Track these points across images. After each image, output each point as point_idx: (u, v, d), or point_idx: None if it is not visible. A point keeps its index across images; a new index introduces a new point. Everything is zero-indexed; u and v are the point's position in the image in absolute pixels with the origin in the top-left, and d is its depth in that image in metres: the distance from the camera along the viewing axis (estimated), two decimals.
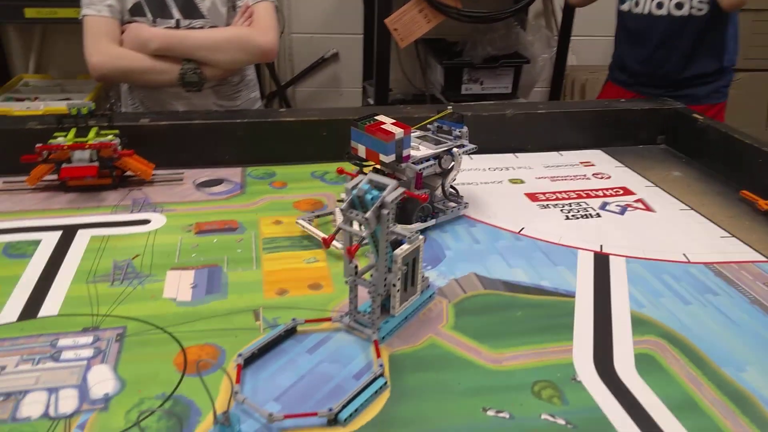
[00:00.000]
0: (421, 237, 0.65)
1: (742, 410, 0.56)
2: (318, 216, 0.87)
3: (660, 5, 1.45)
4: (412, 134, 0.83)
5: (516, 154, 1.16)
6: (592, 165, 1.13)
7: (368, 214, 0.57)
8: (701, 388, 0.58)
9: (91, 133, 0.94)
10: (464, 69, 2.04)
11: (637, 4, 1.53)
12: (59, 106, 1.92)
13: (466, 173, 1.06)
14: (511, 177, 1.05)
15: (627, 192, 1.01)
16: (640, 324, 0.67)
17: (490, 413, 0.54)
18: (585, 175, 1.08)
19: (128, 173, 0.97)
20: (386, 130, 0.77)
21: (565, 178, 1.06)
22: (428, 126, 0.92)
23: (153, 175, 0.97)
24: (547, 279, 0.75)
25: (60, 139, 0.92)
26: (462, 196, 0.92)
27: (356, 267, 0.62)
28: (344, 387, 0.57)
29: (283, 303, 0.69)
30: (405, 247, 0.63)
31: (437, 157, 0.84)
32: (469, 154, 0.89)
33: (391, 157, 0.77)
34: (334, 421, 0.52)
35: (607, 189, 1.02)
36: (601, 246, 0.83)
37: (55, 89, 2.13)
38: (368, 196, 0.57)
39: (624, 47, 1.62)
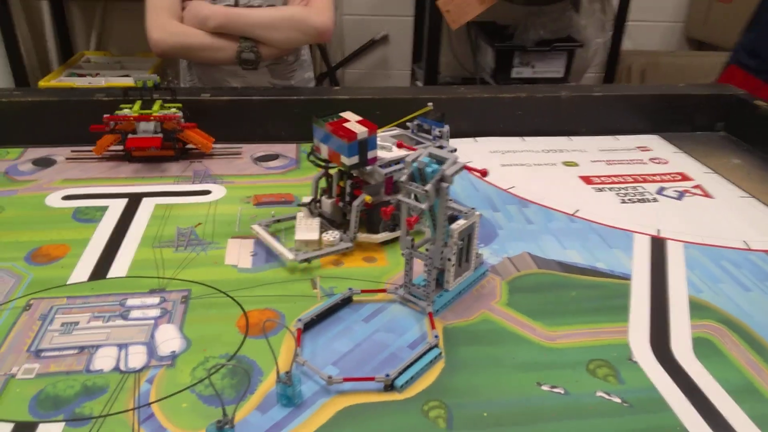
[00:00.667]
0: (477, 213, 0.65)
1: None
2: (278, 221, 0.79)
3: None
4: (386, 133, 0.79)
5: (570, 137, 1.14)
6: (649, 150, 1.11)
7: (428, 187, 0.57)
8: (761, 374, 0.57)
9: (156, 106, 0.97)
10: (515, 52, 2.01)
11: None
12: (119, 82, 1.99)
13: (518, 154, 1.06)
14: (564, 159, 1.04)
15: (685, 178, 0.99)
16: (698, 309, 0.66)
17: (545, 388, 0.54)
18: (641, 160, 1.06)
19: (189, 146, 1.00)
20: (348, 129, 0.69)
21: (620, 162, 1.04)
22: (407, 124, 0.83)
23: (212, 148, 1.00)
24: (602, 261, 0.74)
25: (126, 111, 0.96)
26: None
27: (413, 240, 0.63)
28: (399, 356, 0.58)
29: (338, 273, 0.71)
30: (461, 222, 0.63)
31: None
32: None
33: (353, 159, 0.69)
34: (390, 386, 0.53)
35: (664, 174, 1.00)
36: (659, 230, 0.82)
37: (115, 66, 2.21)
38: (428, 169, 0.58)
39: (764, 32, 1.53)
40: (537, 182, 0.95)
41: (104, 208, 0.83)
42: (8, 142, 1.04)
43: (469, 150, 1.06)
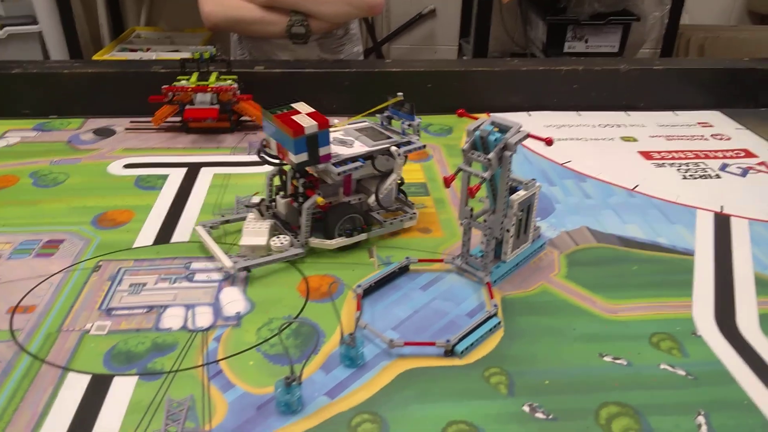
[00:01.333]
0: (538, 184, 0.64)
1: None
2: (227, 221, 0.73)
3: None
4: (350, 126, 0.72)
5: (627, 112, 1.11)
6: (711, 126, 1.07)
7: (491, 155, 0.57)
8: None
9: (212, 78, 0.98)
10: (569, 26, 1.96)
11: None
12: (169, 56, 2.02)
13: (574, 129, 1.04)
14: (623, 134, 1.02)
15: (749, 154, 0.96)
16: (764, 285, 0.64)
17: (607, 359, 0.54)
18: (702, 136, 1.02)
19: (243, 117, 1.01)
20: (295, 122, 0.61)
21: (681, 137, 1.01)
22: (377, 114, 0.75)
23: None
24: (664, 236, 0.73)
25: (183, 82, 0.98)
26: (412, 204, 0.75)
27: (472, 209, 0.63)
28: (458, 323, 0.58)
29: (394, 243, 0.71)
30: (521, 193, 0.63)
31: (370, 157, 0.68)
32: (415, 151, 0.71)
33: (301, 157, 0.62)
34: (450, 352, 0.54)
35: (726, 150, 0.97)
36: (722, 207, 0.79)
37: (165, 41, 2.24)
38: (491, 138, 0.58)
39: None
40: (594, 157, 0.93)
41: (165, 177, 0.85)
42: (69, 113, 1.07)
43: (522, 124, 1.04)
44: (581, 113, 1.10)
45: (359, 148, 0.69)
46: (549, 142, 0.59)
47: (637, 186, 0.84)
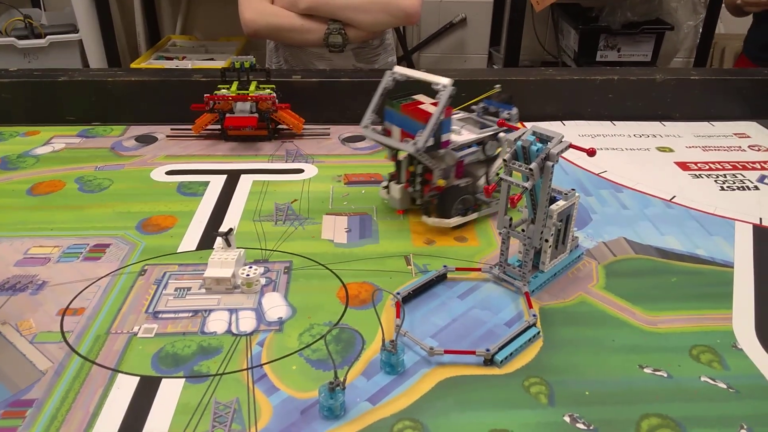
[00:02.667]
0: (577, 194, 0.65)
1: None
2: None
3: None
4: (453, 117, 0.76)
5: (663, 122, 1.11)
6: (748, 137, 1.06)
7: (533, 165, 0.58)
8: None
9: (252, 86, 1.00)
10: (601, 35, 1.95)
11: None
12: (204, 64, 2.07)
13: (609, 138, 1.03)
14: (658, 145, 1.01)
15: None
16: None
17: (647, 371, 0.54)
18: (740, 147, 1.01)
19: (281, 126, 1.03)
20: (423, 110, 0.68)
21: (718, 148, 1.00)
22: (473, 107, 0.81)
23: (303, 129, 1.03)
24: (703, 248, 0.72)
25: (224, 91, 1.00)
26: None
27: (510, 219, 0.64)
28: (496, 332, 0.59)
29: (431, 251, 0.72)
30: (561, 203, 0.63)
31: (481, 142, 0.75)
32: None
33: (428, 142, 0.68)
34: (490, 361, 0.54)
35: (765, 162, 0.96)
36: (761, 219, 0.79)
37: (200, 50, 2.29)
38: (533, 148, 0.58)
39: (756, 24, 1.46)
40: (630, 167, 0.93)
41: (206, 183, 0.88)
42: (111, 120, 1.10)
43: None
44: (616, 123, 1.10)
45: (468, 135, 0.75)
46: (591, 152, 0.59)
47: (674, 197, 0.84)
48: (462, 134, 0.75)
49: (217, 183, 0.88)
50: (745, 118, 1.13)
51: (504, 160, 0.60)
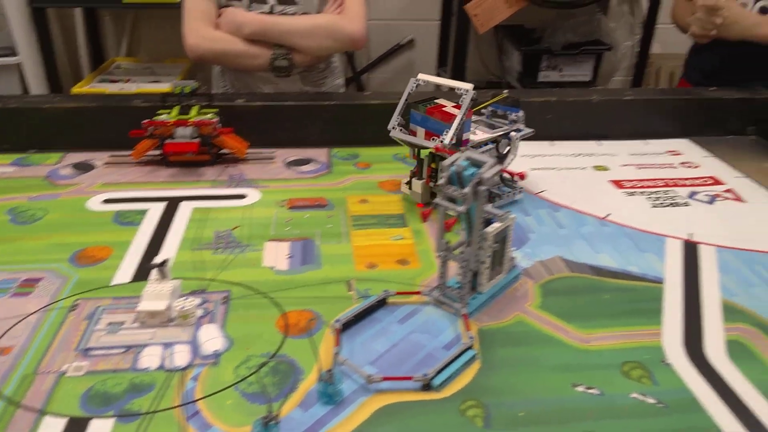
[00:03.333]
0: (512, 216, 0.66)
1: None
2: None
3: (744, 5, 1.32)
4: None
5: (599, 141, 1.14)
6: (680, 154, 1.10)
7: (466, 190, 0.59)
8: None
9: (193, 111, 0.99)
10: (543, 56, 2.02)
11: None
12: (150, 87, 2.04)
13: (548, 159, 1.06)
14: (595, 164, 1.05)
15: (716, 182, 0.99)
16: (731, 312, 0.66)
17: (580, 389, 0.55)
18: (672, 164, 1.05)
19: (224, 150, 1.02)
20: (447, 112, 0.78)
21: (651, 166, 1.04)
22: (482, 111, 0.91)
23: (246, 153, 1.02)
24: (635, 265, 0.75)
25: (164, 116, 0.98)
26: (517, 182, 0.90)
27: (448, 242, 0.64)
28: (435, 356, 0.59)
29: (373, 276, 0.72)
30: (496, 225, 0.64)
31: (495, 141, 0.85)
32: (525, 138, 0.89)
33: (452, 140, 0.78)
34: (427, 386, 0.55)
35: (695, 178, 1.00)
36: (690, 234, 0.82)
37: (145, 72, 2.26)
38: (466, 173, 0.59)
39: (698, 51, 1.51)
40: (567, 186, 0.95)
41: (144, 212, 0.86)
42: (49, 147, 1.07)
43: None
44: (555, 143, 1.13)
45: (483, 135, 0.85)
46: (522, 176, 0.61)
47: (608, 215, 0.87)
48: (477, 134, 0.85)
49: (156, 211, 0.86)
50: (677, 136, 1.18)
51: (439, 185, 0.61)
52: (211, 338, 0.61)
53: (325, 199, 0.90)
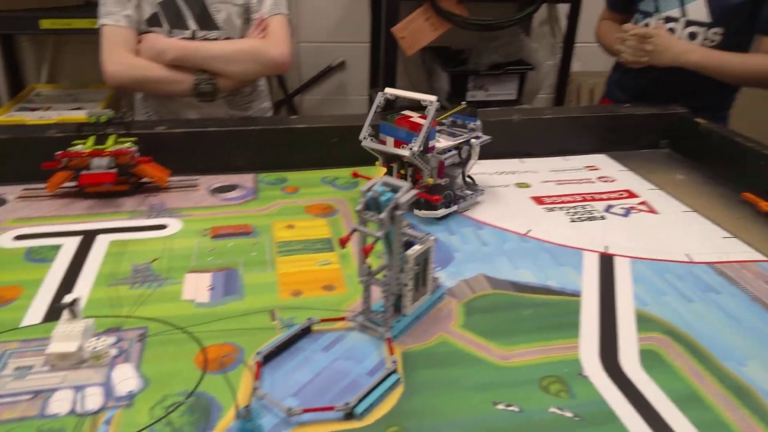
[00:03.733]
0: (432, 238, 0.67)
1: (744, 402, 0.57)
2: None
3: (672, 31, 1.35)
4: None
5: (522, 159, 1.18)
6: (597, 169, 1.15)
7: (383, 215, 0.59)
8: (704, 382, 0.60)
9: (110, 141, 0.96)
10: (469, 76, 2.07)
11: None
12: (72, 115, 1.96)
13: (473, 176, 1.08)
14: (517, 181, 1.08)
15: (631, 195, 1.03)
16: (644, 321, 0.69)
17: (500, 407, 0.56)
18: (590, 179, 1.10)
19: (145, 180, 0.99)
20: (415, 122, 0.85)
21: (570, 181, 1.08)
22: (443, 121, 0.99)
23: (168, 181, 1.00)
24: (554, 279, 0.77)
25: (79, 147, 0.95)
26: (478, 185, 0.99)
27: (370, 267, 0.65)
28: (359, 383, 0.59)
29: (298, 303, 0.71)
30: (417, 247, 0.65)
31: (457, 147, 0.92)
32: (483, 144, 0.97)
33: (419, 148, 0.85)
34: (350, 414, 0.54)
35: (611, 192, 1.04)
36: (606, 247, 0.85)
37: (67, 99, 2.17)
38: (383, 198, 0.60)
39: (625, 72, 1.53)
40: (491, 204, 0.98)
41: (57, 247, 0.82)
42: None
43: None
44: (479, 162, 1.15)
45: (446, 142, 0.91)
46: (436, 200, 0.62)
47: (529, 231, 0.89)
48: (440, 142, 0.91)
49: (71, 246, 0.83)
50: (595, 151, 1.23)
51: (357, 211, 0.61)
52: (126, 378, 0.59)
53: (250, 226, 0.89)
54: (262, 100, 1.42)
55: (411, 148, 0.84)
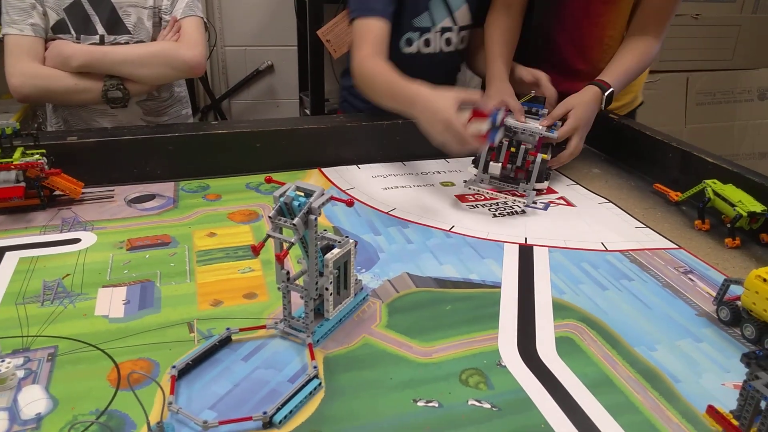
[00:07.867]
0: (351, 241, 0.67)
1: (653, 385, 0.60)
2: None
3: (449, 42, 1.30)
4: (508, 117, 1.04)
5: (447, 159, 1.19)
6: None
7: (296, 220, 0.58)
8: (616, 367, 0.62)
9: (17, 153, 0.91)
10: None
11: (427, 44, 1.29)
12: None
13: (399, 178, 1.09)
14: (442, 180, 1.09)
15: (550, 191, 1.06)
16: (560, 309, 0.71)
17: (420, 404, 0.56)
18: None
19: (57, 192, 0.95)
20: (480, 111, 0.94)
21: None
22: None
23: (82, 193, 0.96)
24: (476, 272, 0.78)
25: None
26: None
27: (288, 273, 0.64)
28: (279, 391, 0.58)
29: (217, 314, 0.70)
30: (335, 251, 0.65)
31: (548, 128, 1.05)
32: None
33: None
34: (269, 423, 0.53)
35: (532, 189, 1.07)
36: (526, 239, 0.87)
37: None
38: (295, 203, 0.59)
39: None
40: (416, 203, 0.99)
41: None
42: None
43: (352, 177, 1.09)
44: (406, 163, 1.17)
45: (535, 123, 1.05)
46: (350, 203, 0.62)
47: (453, 227, 0.90)
48: (530, 123, 1.04)
49: None
50: None
51: (269, 217, 0.61)
52: (33, 401, 0.56)
53: (169, 236, 0.86)
54: (182, 106, 1.39)
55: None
